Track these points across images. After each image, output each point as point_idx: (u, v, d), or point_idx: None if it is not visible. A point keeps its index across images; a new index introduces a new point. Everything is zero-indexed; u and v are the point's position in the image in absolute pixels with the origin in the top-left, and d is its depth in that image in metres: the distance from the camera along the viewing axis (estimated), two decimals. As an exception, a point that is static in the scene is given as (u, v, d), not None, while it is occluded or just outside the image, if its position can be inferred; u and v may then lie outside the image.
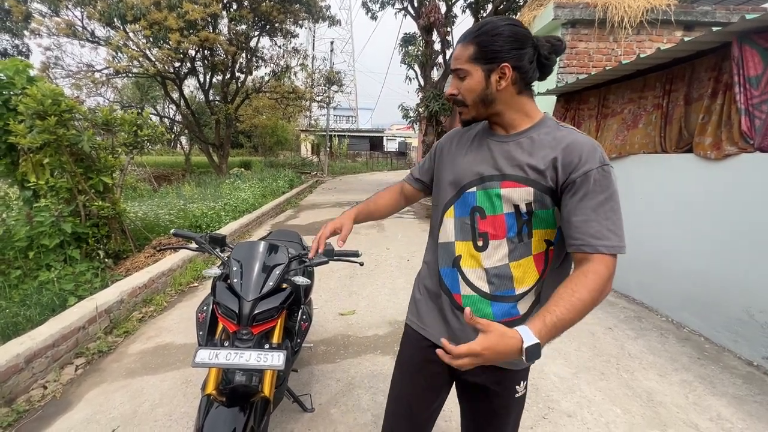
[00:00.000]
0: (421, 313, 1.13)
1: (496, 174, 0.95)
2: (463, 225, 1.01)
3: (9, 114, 3.54)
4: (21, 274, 3.36)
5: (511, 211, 0.93)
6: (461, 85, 0.95)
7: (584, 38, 5.10)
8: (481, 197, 0.97)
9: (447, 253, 1.04)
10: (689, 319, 3.12)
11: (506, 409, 1.07)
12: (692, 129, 3.05)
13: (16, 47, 15.78)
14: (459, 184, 1.02)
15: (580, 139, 0.88)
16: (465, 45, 0.93)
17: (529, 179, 0.90)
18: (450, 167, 1.06)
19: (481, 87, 0.93)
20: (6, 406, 2.03)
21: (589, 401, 2.20)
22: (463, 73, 0.94)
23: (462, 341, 0.95)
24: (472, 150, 1.03)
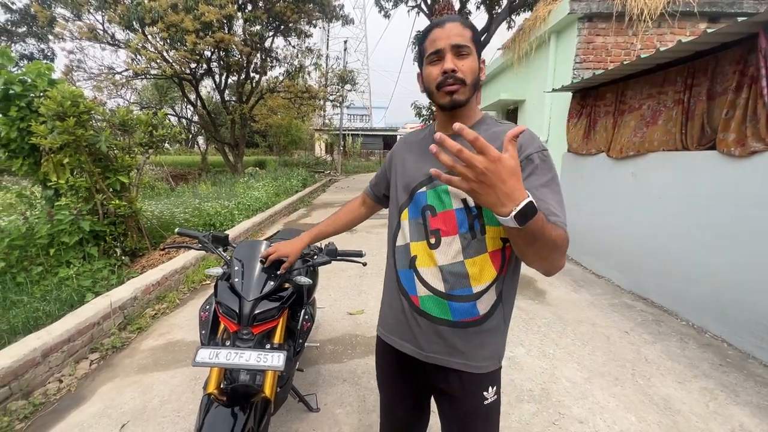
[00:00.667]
0: (386, 322, 1.13)
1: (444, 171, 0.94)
2: (417, 225, 1.01)
3: (32, 115, 3.67)
4: (42, 270, 3.47)
5: (460, 206, 0.94)
6: (462, 63, 0.90)
7: (602, 32, 4.94)
8: (431, 195, 0.98)
9: (404, 255, 1.04)
10: (711, 324, 2.99)
11: (475, 416, 1.01)
12: (715, 125, 2.92)
13: (42, 51, 16.33)
14: (410, 186, 1.03)
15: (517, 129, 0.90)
16: (463, 26, 0.92)
17: None
18: (402, 172, 1.08)
19: (476, 71, 0.93)
20: (23, 399, 2.10)
21: (602, 408, 2.12)
22: (467, 51, 0.90)
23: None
24: (420, 152, 1.05)
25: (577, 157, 4.84)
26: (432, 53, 0.92)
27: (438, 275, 0.96)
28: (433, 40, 0.92)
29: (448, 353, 0.99)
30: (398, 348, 1.07)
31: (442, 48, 0.90)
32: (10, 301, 2.95)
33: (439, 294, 0.97)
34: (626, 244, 3.94)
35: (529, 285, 4.05)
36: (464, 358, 0.98)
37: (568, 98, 5.05)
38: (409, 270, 1.02)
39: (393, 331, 1.09)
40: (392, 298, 1.08)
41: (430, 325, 0.99)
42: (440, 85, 0.92)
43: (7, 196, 6.40)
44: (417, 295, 1.00)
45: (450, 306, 0.97)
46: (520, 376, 2.41)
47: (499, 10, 9.94)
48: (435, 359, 1.00)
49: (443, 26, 0.91)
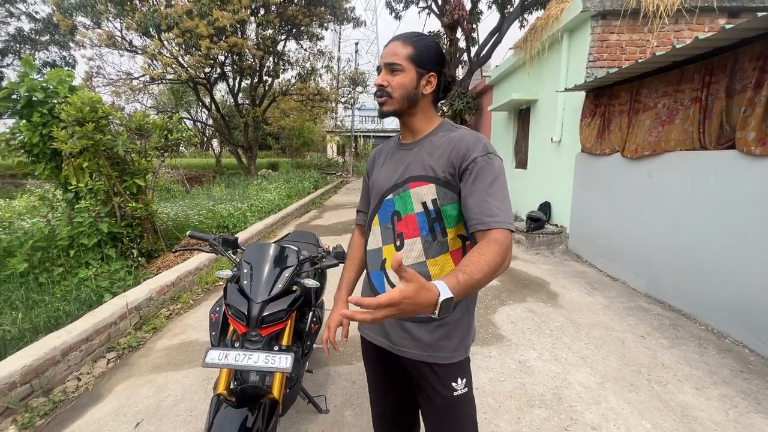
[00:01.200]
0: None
1: (406, 177, 1.05)
2: (386, 230, 1.10)
3: (53, 121, 3.80)
4: (63, 271, 3.59)
5: (420, 210, 1.03)
6: (393, 79, 1.01)
7: (615, 30, 4.84)
8: (398, 201, 1.07)
9: (375, 259, 1.13)
10: (732, 329, 2.90)
11: (448, 409, 1.06)
12: (734, 123, 2.83)
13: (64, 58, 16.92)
14: (379, 193, 1.12)
15: (467, 134, 1.01)
16: (404, 44, 1.01)
17: (430, 176, 1.01)
18: (375, 181, 1.16)
19: (412, 86, 1.02)
20: (44, 396, 2.17)
21: (616, 414, 2.08)
22: (399, 68, 1.00)
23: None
24: (387, 161, 1.15)
25: (590, 158, 4.76)
26: (377, 67, 1.06)
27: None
28: (380, 56, 1.06)
29: (416, 347, 1.06)
30: (375, 343, 1.16)
31: (380, 65, 1.04)
32: (33, 301, 3.06)
33: None
34: (642, 246, 3.85)
35: (541, 288, 3.99)
36: (431, 350, 1.05)
37: (581, 98, 4.97)
38: (380, 272, 1.12)
39: (369, 327, 1.18)
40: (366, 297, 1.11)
41: (397, 322, 1.07)
42: (375, 95, 1.06)
43: (30, 199, 6.64)
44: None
45: None
46: (531, 381, 2.38)
47: (511, 9, 9.84)
48: (405, 353, 1.08)
49: (387, 45, 1.03)
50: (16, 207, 6.15)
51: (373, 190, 1.16)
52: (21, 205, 6.29)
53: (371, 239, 1.15)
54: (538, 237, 5.51)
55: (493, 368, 2.52)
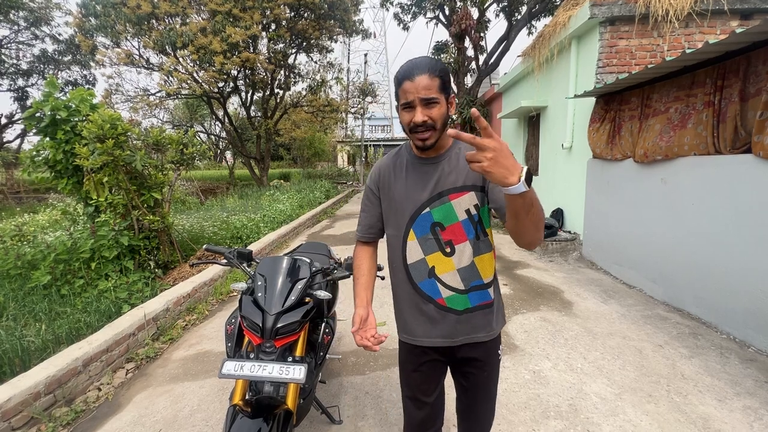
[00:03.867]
0: (410, 328, 1.27)
1: (443, 191, 1.14)
2: (426, 241, 1.18)
3: (75, 138, 3.95)
4: (84, 283, 3.70)
5: (465, 217, 1.14)
6: (432, 112, 1.04)
7: (625, 35, 4.82)
8: (436, 213, 1.15)
9: (420, 270, 1.20)
10: (755, 338, 2.81)
11: (493, 372, 1.30)
12: (750, 127, 2.78)
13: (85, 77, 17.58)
14: (412, 209, 1.17)
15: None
16: (431, 77, 1.02)
17: (467, 186, 1.12)
18: (398, 198, 1.20)
19: (446, 113, 1.07)
20: (66, 406, 2.23)
21: (635, 426, 2.03)
22: (435, 101, 1.03)
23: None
24: (411, 178, 1.19)
25: (603, 164, 4.71)
26: (404, 103, 1.05)
27: (457, 277, 1.17)
28: (405, 91, 1.04)
29: (473, 331, 1.22)
30: (427, 345, 1.24)
31: (412, 100, 1.03)
32: (55, 313, 3.16)
33: (460, 292, 1.18)
34: (659, 253, 3.77)
35: (555, 296, 3.94)
36: (485, 331, 1.23)
37: (591, 103, 4.94)
38: (431, 279, 1.19)
39: (419, 333, 1.25)
40: (413, 307, 1.24)
41: (456, 317, 1.20)
42: (413, 131, 1.07)
43: (53, 213, 6.88)
44: (442, 297, 1.19)
45: (469, 297, 1.19)
46: (547, 392, 2.35)
47: (519, 17, 9.88)
48: (464, 339, 1.22)
49: (413, 79, 1.02)
50: (40, 221, 6.38)
51: (399, 206, 1.19)
52: (44, 219, 6.53)
53: (409, 253, 1.20)
54: (551, 244, 5.45)
55: (507, 379, 2.49)
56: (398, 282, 1.26)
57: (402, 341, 1.32)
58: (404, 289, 1.24)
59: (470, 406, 1.36)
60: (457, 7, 10.15)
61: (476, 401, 1.34)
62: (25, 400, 2.00)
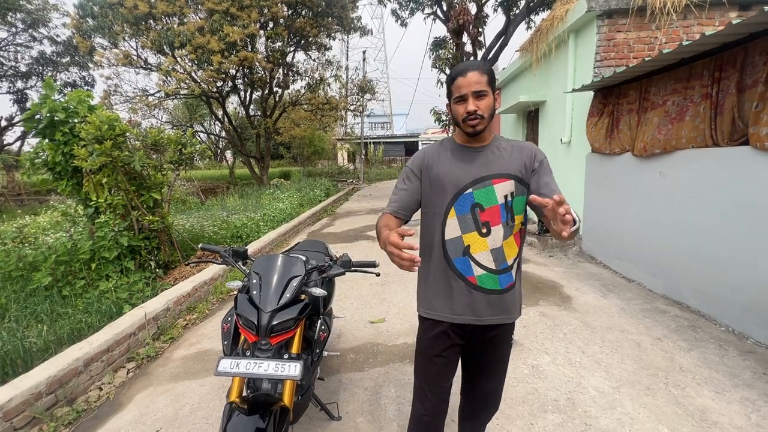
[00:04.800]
0: (435, 304, 1.36)
1: (487, 175, 1.27)
2: (465, 220, 1.28)
3: (74, 140, 3.96)
4: (84, 283, 3.72)
5: (503, 201, 1.27)
6: (481, 104, 1.22)
7: (622, 28, 4.79)
8: (479, 195, 1.27)
9: (456, 246, 1.30)
10: (754, 330, 2.81)
11: (505, 352, 1.45)
12: (747, 119, 2.77)
13: (83, 78, 17.59)
14: (455, 189, 1.28)
15: (527, 143, 1.35)
16: (481, 73, 1.21)
17: (509, 174, 1.27)
18: (442, 177, 1.31)
19: (493, 106, 1.25)
20: (67, 406, 2.25)
21: (632, 419, 2.04)
22: (485, 93, 1.21)
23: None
24: (456, 161, 1.32)
25: (601, 158, 4.70)
26: (458, 96, 1.23)
27: (490, 257, 1.28)
28: (459, 86, 1.22)
29: (498, 313, 1.32)
30: (452, 321, 1.33)
31: (465, 93, 1.21)
32: (57, 313, 3.18)
33: (492, 271, 1.29)
34: (658, 246, 3.77)
35: (554, 291, 3.95)
36: (507, 313, 1.34)
37: (590, 98, 4.92)
38: (464, 257, 1.29)
39: (445, 308, 1.33)
40: (443, 282, 1.33)
41: (485, 296, 1.30)
42: (465, 120, 1.24)
43: (54, 215, 6.91)
44: (474, 275, 1.29)
45: (499, 278, 1.30)
46: (545, 385, 2.36)
47: (517, 12, 9.83)
48: (490, 320, 1.32)
49: (466, 75, 1.20)
50: (41, 223, 6.41)
51: (444, 185, 1.30)
52: (45, 221, 6.55)
53: (448, 230, 1.30)
54: (550, 239, 5.45)
55: (505, 373, 2.50)
56: (432, 258, 1.35)
57: (425, 318, 1.39)
58: (438, 265, 1.33)
59: (479, 386, 1.49)
60: (454, 3, 10.10)
61: (486, 379, 1.47)
62: (27, 400, 2.02)
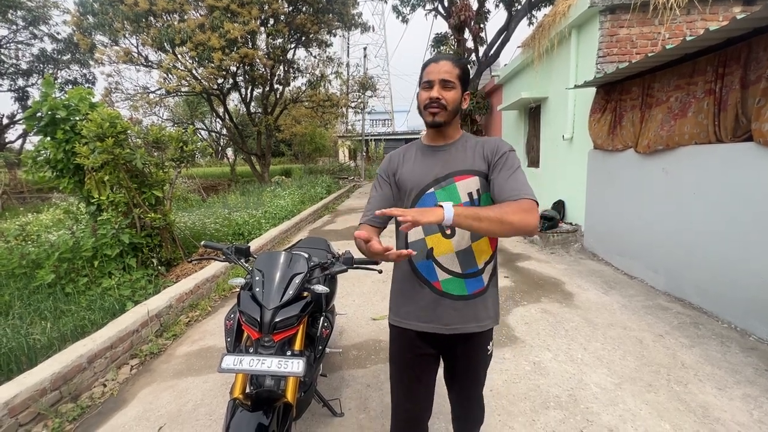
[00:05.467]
0: (402, 311, 1.31)
1: (449, 173, 1.22)
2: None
3: (75, 137, 3.96)
4: (87, 281, 3.73)
5: (467, 200, 1.21)
6: (446, 94, 1.18)
7: (625, 24, 4.76)
8: (441, 194, 1.21)
9: (419, 249, 1.23)
10: (756, 326, 2.81)
11: (478, 363, 1.36)
12: (750, 115, 2.75)
13: (84, 76, 17.59)
14: (418, 188, 1.24)
15: (492, 138, 1.27)
16: (454, 65, 1.18)
17: (473, 170, 1.21)
18: (406, 179, 1.27)
19: (459, 101, 1.21)
20: (72, 402, 2.27)
21: (634, 415, 2.04)
22: (452, 85, 1.18)
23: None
24: (419, 161, 1.28)
25: (604, 154, 4.68)
26: (425, 81, 1.19)
27: (455, 260, 1.21)
28: (428, 72, 1.19)
29: (465, 321, 1.24)
30: (419, 330, 1.27)
31: (433, 80, 1.17)
32: (60, 310, 3.20)
33: (457, 275, 1.22)
34: (660, 243, 3.76)
35: (556, 288, 3.95)
36: (477, 321, 1.26)
37: (592, 94, 4.90)
38: (428, 261, 1.23)
39: (412, 316, 1.28)
40: (409, 288, 1.28)
41: (451, 302, 1.23)
42: (426, 106, 1.20)
43: (56, 213, 6.93)
44: (439, 280, 1.23)
45: (465, 283, 1.23)
46: (547, 382, 2.36)
47: (519, 7, 9.77)
48: (456, 329, 1.24)
49: (438, 62, 1.18)
50: (43, 220, 6.43)
51: (406, 186, 1.26)
52: (47, 219, 6.57)
53: (411, 232, 1.23)
54: (552, 236, 5.44)
55: (507, 370, 2.50)
56: (400, 264, 1.31)
57: (393, 326, 1.35)
58: (402, 270, 1.29)
59: (455, 396, 1.44)
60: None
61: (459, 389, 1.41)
62: (32, 396, 2.03)
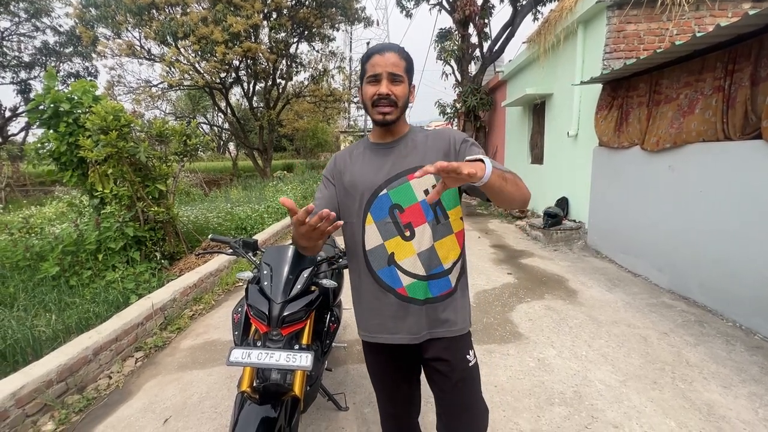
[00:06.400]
0: (369, 324, 1.21)
1: (400, 171, 1.12)
2: (384, 225, 1.13)
3: (79, 130, 3.95)
4: (91, 274, 3.74)
5: (423, 198, 1.11)
6: (396, 89, 1.07)
7: (633, 19, 4.71)
8: (395, 195, 1.12)
9: (379, 256, 1.15)
10: (762, 325, 2.80)
11: (464, 381, 1.18)
12: (760, 112, 2.72)
13: (87, 69, 17.53)
14: (369, 191, 1.13)
15: (443, 129, 1.19)
16: (399, 57, 1.07)
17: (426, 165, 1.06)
18: (354, 182, 1.16)
19: (406, 95, 1.11)
20: (78, 393, 2.28)
21: (639, 412, 2.04)
22: (400, 79, 1.07)
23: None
24: (367, 161, 1.17)
25: (609, 152, 4.66)
26: (371, 75, 1.07)
27: (417, 262, 1.13)
28: (373, 64, 1.07)
29: (434, 326, 1.16)
30: (388, 342, 1.18)
31: (380, 73, 1.06)
32: (65, 303, 3.20)
33: (420, 278, 1.13)
34: (665, 241, 3.75)
35: (559, 285, 3.94)
36: (447, 326, 1.16)
37: (598, 90, 4.86)
38: (390, 267, 1.14)
39: (379, 329, 1.18)
40: (373, 299, 1.18)
41: (418, 308, 1.14)
42: (375, 104, 1.08)
43: (59, 206, 6.94)
44: (403, 286, 1.14)
45: (429, 285, 1.14)
46: (551, 378, 2.36)
47: (524, 2, 9.68)
48: (425, 336, 1.16)
49: (383, 54, 1.06)
50: (47, 213, 6.44)
51: (357, 189, 1.15)
52: (51, 212, 6.59)
53: (368, 239, 1.14)
54: (555, 233, 5.43)
55: (511, 366, 2.51)
56: (358, 273, 1.20)
57: (364, 341, 1.26)
58: (364, 281, 1.18)
59: (448, 424, 1.22)
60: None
61: (453, 415, 1.20)
62: (38, 387, 2.04)
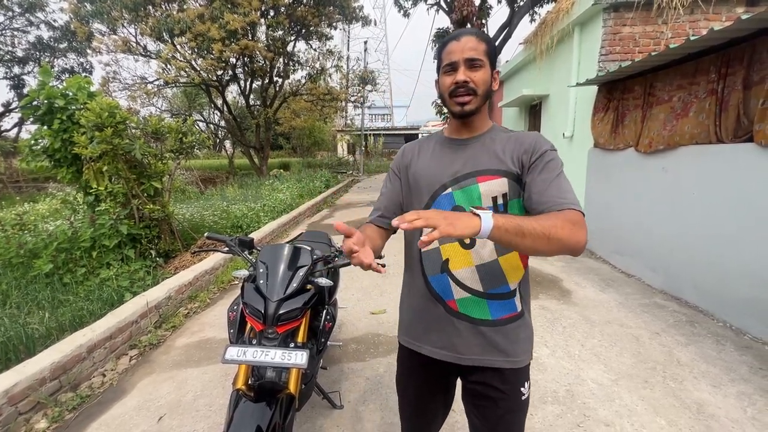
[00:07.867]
0: (413, 330, 1.12)
1: (470, 171, 1.00)
2: None
3: (73, 127, 3.93)
4: (85, 271, 3.72)
5: (489, 204, 0.98)
6: (475, 75, 0.96)
7: (629, 22, 4.74)
8: (459, 196, 1.00)
9: (433, 260, 1.04)
10: (752, 326, 2.84)
11: (512, 414, 1.04)
12: (752, 116, 2.76)
13: (81, 65, 17.39)
14: (432, 187, 1.03)
15: (529, 132, 1.01)
16: (478, 39, 0.96)
17: (501, 170, 0.98)
18: (419, 176, 1.07)
19: (489, 82, 0.99)
20: (71, 391, 2.27)
21: (630, 411, 2.07)
22: (480, 63, 0.96)
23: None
24: (436, 156, 1.07)
25: (604, 153, 4.69)
26: (447, 64, 0.98)
27: (475, 275, 0.99)
28: (449, 52, 0.97)
29: (488, 352, 1.01)
30: (430, 355, 1.06)
31: (456, 60, 0.96)
32: (58, 300, 3.19)
33: (478, 294, 1.00)
34: (658, 242, 3.79)
35: (553, 285, 3.97)
36: (505, 355, 1.01)
37: (593, 92, 4.90)
38: (442, 275, 1.02)
39: (423, 338, 1.08)
40: (422, 305, 1.08)
41: (470, 327, 1.01)
42: (452, 94, 0.98)
43: (53, 203, 6.88)
44: (454, 299, 1.02)
45: (489, 305, 1.00)
46: (544, 377, 2.38)
47: (521, 3, 9.73)
48: (475, 360, 1.02)
49: (459, 39, 0.97)
50: (40, 210, 6.39)
51: (420, 184, 1.06)
52: (44, 209, 6.53)
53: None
54: (550, 234, 5.45)
55: (505, 365, 2.52)
56: (411, 273, 1.12)
57: (402, 346, 1.17)
58: (415, 284, 1.09)
59: None
60: (458, -7, 9.96)
61: None
62: (31, 385, 2.03)
